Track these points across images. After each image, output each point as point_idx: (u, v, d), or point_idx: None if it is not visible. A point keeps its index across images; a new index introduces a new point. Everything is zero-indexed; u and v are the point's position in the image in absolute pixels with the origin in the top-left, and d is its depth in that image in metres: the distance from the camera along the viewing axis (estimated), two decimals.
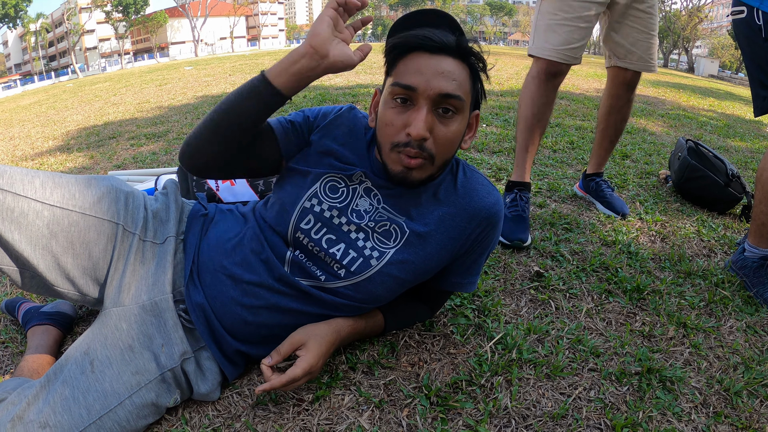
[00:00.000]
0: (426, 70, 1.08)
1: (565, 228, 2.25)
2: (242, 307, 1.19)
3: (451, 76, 1.08)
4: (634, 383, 1.32)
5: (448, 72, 1.08)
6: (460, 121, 1.13)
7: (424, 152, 1.10)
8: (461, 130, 1.15)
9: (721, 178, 2.61)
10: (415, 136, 1.07)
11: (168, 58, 45.14)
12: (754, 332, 1.59)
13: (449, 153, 1.16)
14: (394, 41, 1.13)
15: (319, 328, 1.21)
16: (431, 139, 1.10)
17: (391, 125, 1.11)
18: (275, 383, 1.11)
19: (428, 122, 1.08)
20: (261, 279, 1.19)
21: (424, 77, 1.07)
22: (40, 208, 1.08)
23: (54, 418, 1.00)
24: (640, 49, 2.22)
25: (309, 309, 1.22)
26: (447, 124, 1.11)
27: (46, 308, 1.53)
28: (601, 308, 1.66)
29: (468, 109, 1.15)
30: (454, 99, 1.09)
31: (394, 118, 1.11)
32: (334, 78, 8.21)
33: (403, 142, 1.10)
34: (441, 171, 1.21)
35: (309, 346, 1.17)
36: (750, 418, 1.23)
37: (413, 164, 1.11)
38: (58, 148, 4.63)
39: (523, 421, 1.19)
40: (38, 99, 12.14)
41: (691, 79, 15.76)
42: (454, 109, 1.10)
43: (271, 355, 1.15)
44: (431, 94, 1.07)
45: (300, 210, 1.22)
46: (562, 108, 5.40)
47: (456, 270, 1.33)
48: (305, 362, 1.14)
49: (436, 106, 1.09)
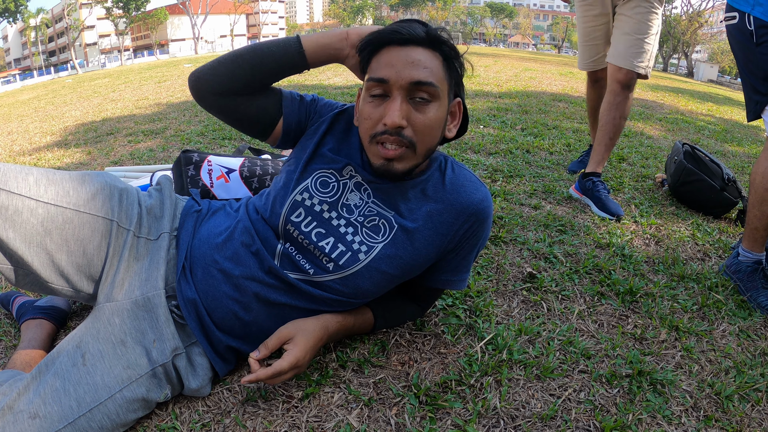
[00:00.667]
0: (396, 62, 1.11)
1: (559, 230, 2.25)
2: (233, 301, 1.19)
3: (421, 64, 1.11)
4: (624, 385, 1.32)
5: (418, 61, 1.11)
6: (437, 108, 1.14)
7: (404, 140, 1.12)
8: (440, 117, 1.16)
9: (716, 182, 2.61)
10: (390, 124, 1.09)
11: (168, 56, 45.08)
12: (746, 336, 1.59)
13: (431, 141, 1.17)
14: (366, 39, 1.16)
15: (307, 323, 1.22)
16: (409, 127, 1.12)
17: (368, 119, 1.14)
18: (260, 375, 1.12)
19: (403, 110, 1.10)
20: (251, 272, 1.19)
21: (394, 69, 1.10)
22: (35, 206, 1.08)
23: (44, 409, 1.01)
24: (623, 46, 2.52)
25: (298, 303, 1.22)
26: (423, 112, 1.13)
27: (40, 302, 1.54)
28: (594, 310, 1.66)
29: (446, 96, 1.17)
30: (426, 86, 1.11)
31: (371, 112, 1.14)
32: (333, 78, 8.23)
33: (380, 131, 1.12)
34: (426, 161, 1.23)
35: (296, 340, 1.18)
36: (741, 422, 1.24)
37: (392, 155, 1.12)
38: (55, 144, 4.63)
39: (512, 421, 1.19)
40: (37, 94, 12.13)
41: (690, 84, 15.78)
42: (429, 96, 1.12)
43: (259, 349, 1.16)
44: (403, 84, 1.10)
45: (291, 203, 1.23)
46: (560, 111, 5.41)
47: (445, 267, 1.34)
48: (292, 356, 1.15)
49: (410, 95, 1.12)
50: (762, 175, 1.83)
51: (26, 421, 0.99)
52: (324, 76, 8.57)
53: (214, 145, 3.75)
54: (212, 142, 3.84)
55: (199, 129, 4.34)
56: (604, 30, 2.78)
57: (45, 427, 1.00)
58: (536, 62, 13.86)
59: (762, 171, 1.83)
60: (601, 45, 2.84)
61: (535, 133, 4.14)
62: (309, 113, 1.31)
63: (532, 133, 4.14)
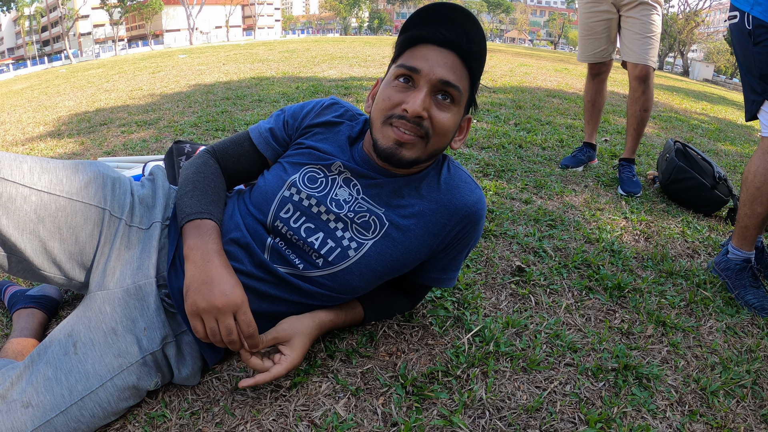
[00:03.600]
0: (431, 58, 1.13)
1: (549, 224, 2.26)
2: None
3: (453, 69, 1.14)
4: (610, 379, 1.34)
5: (451, 64, 1.14)
6: (455, 112, 1.17)
7: (422, 129, 1.14)
8: (455, 122, 1.19)
9: (707, 180, 2.63)
10: (412, 111, 1.11)
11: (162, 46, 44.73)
12: (733, 333, 1.61)
13: (442, 142, 1.19)
14: (409, 34, 1.17)
15: (303, 323, 1.23)
16: (428, 120, 1.14)
17: (388, 100, 1.16)
18: (259, 380, 1.13)
19: (425, 102, 1.12)
20: (241, 266, 1.20)
21: (428, 63, 1.13)
22: (28, 193, 1.08)
23: (36, 398, 1.01)
24: (636, 45, 2.80)
25: (288, 296, 1.23)
26: (443, 110, 1.15)
27: (32, 292, 1.54)
28: (581, 304, 1.68)
29: (462, 107, 1.19)
30: (453, 88, 1.13)
31: (392, 94, 1.15)
32: (328, 70, 8.22)
33: (397, 114, 1.14)
34: (428, 161, 1.24)
35: (293, 344, 1.19)
36: (725, 417, 1.25)
37: (405, 138, 1.14)
38: (48, 134, 4.60)
39: (498, 412, 1.21)
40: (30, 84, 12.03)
41: (686, 83, 15.82)
42: (452, 99, 1.15)
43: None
44: (433, 79, 1.12)
45: (279, 199, 1.24)
46: (554, 106, 5.42)
47: (435, 266, 1.35)
48: (289, 362, 1.17)
49: (435, 91, 1.14)
50: (754, 174, 1.84)
51: (19, 410, 1.00)
52: (319, 68, 8.56)
53: (208, 136, 3.74)
54: (205, 133, 3.83)
55: (193, 120, 4.33)
56: (607, 26, 2.96)
57: (38, 416, 1.00)
58: (532, 58, 13.86)
59: (754, 170, 1.84)
60: (603, 39, 3.01)
61: (528, 129, 4.15)
62: (285, 138, 1.36)
63: (525, 129, 4.15)
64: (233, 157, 1.35)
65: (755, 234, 1.90)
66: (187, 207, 1.18)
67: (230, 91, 6.00)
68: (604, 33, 2.99)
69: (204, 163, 1.30)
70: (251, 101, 5.21)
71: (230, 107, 4.90)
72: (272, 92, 5.76)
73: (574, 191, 2.75)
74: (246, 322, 1.09)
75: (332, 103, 1.35)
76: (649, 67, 2.79)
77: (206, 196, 1.22)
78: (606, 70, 3.18)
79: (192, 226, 1.15)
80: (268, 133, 1.35)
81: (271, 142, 1.34)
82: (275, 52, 12.64)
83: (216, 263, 1.10)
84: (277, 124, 1.36)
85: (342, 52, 12.07)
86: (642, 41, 2.78)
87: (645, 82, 2.81)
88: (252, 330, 1.10)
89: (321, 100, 1.37)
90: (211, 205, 1.21)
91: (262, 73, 7.99)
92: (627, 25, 2.86)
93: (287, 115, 1.36)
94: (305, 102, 1.37)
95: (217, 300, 1.06)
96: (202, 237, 1.13)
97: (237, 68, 9.06)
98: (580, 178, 3.02)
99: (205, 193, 1.23)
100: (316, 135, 1.31)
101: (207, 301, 1.06)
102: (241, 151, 1.35)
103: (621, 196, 2.81)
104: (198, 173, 1.27)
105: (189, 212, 1.17)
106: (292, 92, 5.70)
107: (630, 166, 2.98)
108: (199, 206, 1.18)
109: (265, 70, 8.47)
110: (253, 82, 6.83)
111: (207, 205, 1.20)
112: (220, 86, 6.58)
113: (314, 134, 1.31)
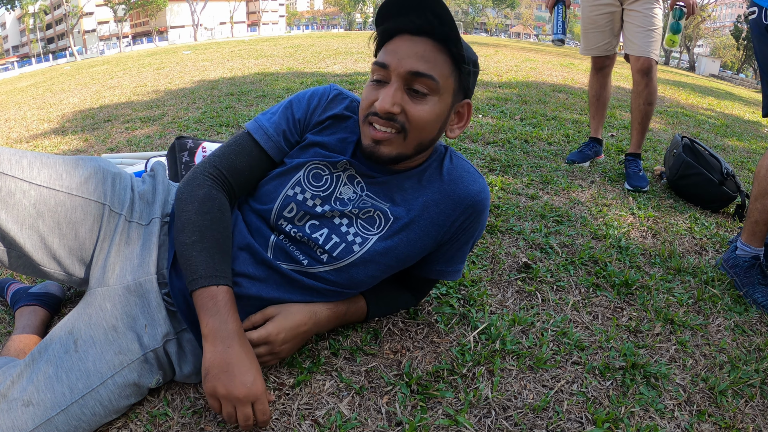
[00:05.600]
0: (401, 50, 1.11)
1: (555, 220, 2.24)
2: None
3: (426, 57, 1.10)
4: (617, 378, 1.32)
5: (423, 53, 1.10)
6: (435, 103, 1.13)
7: (396, 124, 1.12)
8: (439, 113, 1.15)
9: (715, 176, 2.61)
10: (379, 109, 1.10)
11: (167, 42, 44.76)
12: (742, 332, 1.59)
13: (425, 134, 1.16)
14: (382, 28, 1.15)
15: (294, 306, 1.22)
16: (403, 114, 1.12)
17: (365, 100, 1.15)
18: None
19: (396, 98, 1.10)
20: (241, 269, 1.18)
21: (397, 56, 1.10)
22: (27, 188, 1.08)
23: (37, 396, 1.00)
24: (638, 39, 2.82)
25: (289, 297, 1.21)
26: (419, 104, 1.12)
27: (35, 289, 1.53)
28: (588, 302, 1.66)
29: (449, 94, 1.15)
30: (425, 78, 1.10)
31: (368, 94, 1.15)
32: (333, 65, 8.21)
33: (372, 112, 1.13)
34: (419, 153, 1.21)
35: (275, 318, 1.19)
36: (734, 417, 1.23)
37: (379, 136, 1.12)
38: (53, 131, 4.60)
39: (504, 412, 1.19)
40: (35, 81, 12.06)
41: (692, 78, 15.74)
42: (427, 89, 1.12)
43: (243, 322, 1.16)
44: (402, 72, 1.10)
45: (283, 198, 1.22)
46: (560, 101, 5.39)
47: (440, 258, 1.33)
48: (264, 330, 1.16)
49: (407, 84, 1.11)
50: (767, 168, 1.82)
51: (20, 408, 0.99)
52: (323, 63, 8.54)
53: (211, 132, 3.74)
54: (209, 129, 3.82)
55: (197, 116, 4.32)
56: (610, 19, 2.98)
57: (38, 414, 0.99)
58: (537, 53, 13.79)
59: (767, 164, 1.83)
60: (606, 33, 3.02)
61: (534, 124, 4.13)
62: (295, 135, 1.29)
63: (531, 123, 4.13)
64: (245, 170, 1.24)
65: (765, 230, 1.88)
66: (197, 266, 1.08)
67: (234, 86, 5.99)
68: (607, 26, 3.01)
69: (207, 197, 1.16)
70: (255, 97, 5.20)
71: (234, 103, 4.89)
72: (276, 88, 5.74)
73: (581, 187, 2.73)
74: (262, 411, 1.06)
75: (336, 94, 1.31)
76: (652, 59, 2.81)
77: (216, 250, 1.12)
78: (610, 64, 3.20)
79: (207, 297, 1.06)
80: (280, 137, 1.26)
81: (283, 147, 1.27)
82: (279, 48, 12.63)
83: (236, 349, 1.05)
84: (288, 125, 1.27)
85: (346, 48, 12.04)
86: (644, 34, 2.80)
87: (648, 75, 2.82)
88: (266, 418, 1.07)
89: (322, 89, 1.31)
90: (223, 263, 1.11)
91: (267, 69, 7.98)
92: (630, 19, 2.88)
93: (295, 113, 1.28)
94: (306, 93, 1.31)
95: (238, 391, 1.02)
96: (220, 314, 1.06)
97: (241, 64, 9.06)
98: (587, 174, 2.99)
99: (215, 244, 1.12)
100: (323, 131, 1.28)
101: (227, 389, 1.02)
102: (252, 162, 1.24)
103: (628, 191, 2.79)
104: (203, 214, 1.14)
105: (200, 275, 1.08)
106: (297, 87, 5.69)
107: (636, 160, 2.98)
108: (211, 267, 1.09)
109: (269, 66, 8.46)
110: (257, 78, 6.82)
111: (219, 264, 1.10)
112: (225, 82, 6.57)
113: (321, 130, 1.28)
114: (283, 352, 1.21)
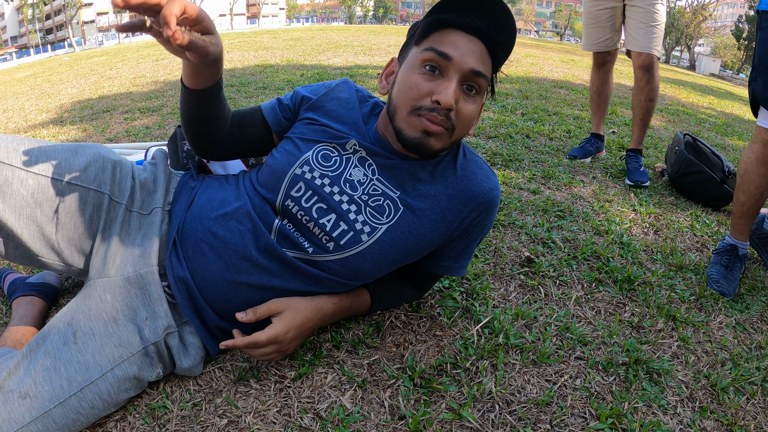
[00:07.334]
0: (462, 46, 1.10)
1: (558, 215, 2.23)
2: (224, 282, 1.15)
3: (482, 58, 1.12)
4: (620, 373, 1.31)
5: (480, 53, 1.12)
6: (479, 102, 1.16)
7: (449, 122, 1.11)
8: (478, 112, 1.18)
9: (717, 174, 2.60)
10: (445, 104, 1.08)
11: None
12: (743, 329, 1.59)
13: (465, 131, 1.18)
14: (436, 17, 1.13)
15: (301, 301, 1.19)
16: (455, 111, 1.11)
17: (416, 89, 1.11)
18: (237, 342, 1.11)
19: (456, 94, 1.10)
20: (245, 251, 1.15)
21: (459, 51, 1.10)
22: (25, 177, 1.05)
23: (34, 389, 0.99)
24: (639, 35, 2.81)
25: (292, 286, 1.19)
26: (469, 102, 1.13)
27: (32, 279, 1.52)
28: (591, 297, 1.65)
29: (483, 94, 1.18)
30: (481, 78, 1.12)
31: (420, 82, 1.11)
32: (333, 58, 8.18)
33: (427, 107, 1.10)
34: (450, 149, 1.22)
35: (283, 316, 1.16)
36: (736, 414, 1.23)
37: (434, 129, 1.11)
38: (51, 121, 4.58)
39: (507, 406, 1.18)
40: (33, 72, 11.99)
41: (692, 77, 15.71)
42: (479, 88, 1.13)
43: (247, 312, 1.14)
44: (464, 68, 1.10)
45: (291, 176, 1.19)
46: (561, 97, 5.37)
47: (447, 254, 1.32)
48: (272, 330, 1.13)
49: (464, 81, 1.11)
50: (744, 162, 1.87)
51: (17, 401, 0.97)
52: (324, 56, 8.51)
53: None
54: None
55: None
56: (611, 14, 2.98)
57: (36, 406, 0.98)
58: (538, 49, 13.76)
59: (744, 158, 1.88)
60: (608, 28, 3.03)
61: (535, 119, 4.12)
62: (291, 108, 1.33)
63: (533, 119, 4.11)
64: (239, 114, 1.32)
65: (741, 223, 1.93)
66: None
67: (234, 78, 5.96)
68: (609, 22, 3.00)
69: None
70: (255, 88, 5.18)
71: (234, 94, 4.87)
72: (276, 80, 5.72)
73: (583, 182, 2.72)
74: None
75: (345, 82, 1.34)
76: (653, 56, 2.81)
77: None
78: (611, 60, 3.20)
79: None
80: (275, 101, 1.34)
81: (275, 108, 1.33)
82: (279, 40, 12.57)
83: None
84: (286, 96, 1.34)
85: (347, 41, 12.00)
86: (646, 30, 2.80)
87: (649, 71, 2.82)
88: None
89: (333, 81, 1.35)
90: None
91: (267, 61, 7.95)
92: (631, 14, 2.87)
93: (299, 89, 1.34)
94: (319, 83, 1.35)
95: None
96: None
97: (241, 56, 9.02)
98: (588, 169, 2.98)
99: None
100: (330, 113, 1.27)
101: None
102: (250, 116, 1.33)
103: (629, 186, 2.78)
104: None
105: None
106: (297, 80, 5.67)
107: (637, 156, 2.98)
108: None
109: (269, 58, 8.42)
110: (257, 70, 6.79)
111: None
112: (224, 73, 6.49)
113: (328, 111, 1.28)
114: (290, 349, 1.20)
